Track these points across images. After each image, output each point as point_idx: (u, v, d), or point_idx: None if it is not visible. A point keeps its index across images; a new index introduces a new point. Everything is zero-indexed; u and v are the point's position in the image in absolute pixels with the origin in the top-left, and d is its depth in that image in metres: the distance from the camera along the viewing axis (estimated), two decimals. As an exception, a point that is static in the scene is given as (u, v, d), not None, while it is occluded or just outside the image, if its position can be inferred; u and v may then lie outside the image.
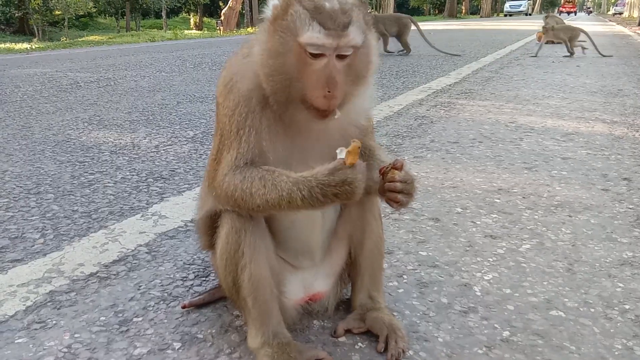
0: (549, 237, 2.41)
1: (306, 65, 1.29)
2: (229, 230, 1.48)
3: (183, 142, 4.08)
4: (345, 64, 1.31)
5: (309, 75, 1.29)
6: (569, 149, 3.88)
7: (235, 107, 1.39)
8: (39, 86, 7.19)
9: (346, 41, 1.28)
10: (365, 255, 1.68)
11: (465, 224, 2.53)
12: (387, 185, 1.41)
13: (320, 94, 1.29)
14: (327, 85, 1.27)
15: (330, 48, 1.27)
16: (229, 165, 1.41)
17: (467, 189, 3.01)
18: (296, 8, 1.29)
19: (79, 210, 2.66)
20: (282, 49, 1.30)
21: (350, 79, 1.34)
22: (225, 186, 1.40)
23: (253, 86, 1.38)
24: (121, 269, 2.06)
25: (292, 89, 1.33)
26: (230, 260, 1.49)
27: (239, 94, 1.39)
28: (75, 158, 3.62)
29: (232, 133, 1.40)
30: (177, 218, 2.54)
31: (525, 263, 2.16)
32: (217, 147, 1.47)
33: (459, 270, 2.09)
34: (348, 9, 1.30)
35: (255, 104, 1.39)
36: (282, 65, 1.31)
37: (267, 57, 1.33)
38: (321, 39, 1.26)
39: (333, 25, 1.26)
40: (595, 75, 7.94)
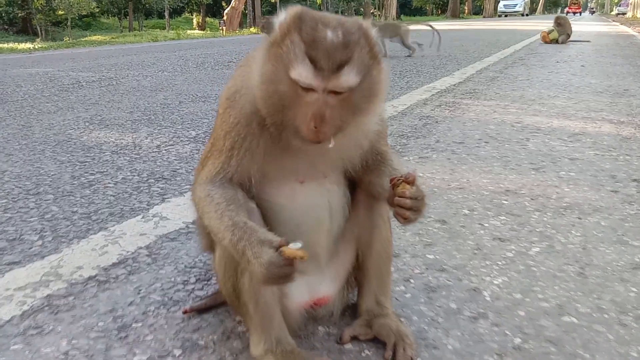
0: (559, 240, 2.35)
1: (297, 97, 1.22)
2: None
3: (185, 142, 4.04)
4: (340, 100, 1.22)
5: (298, 106, 1.23)
6: (576, 150, 3.82)
7: (234, 124, 1.36)
8: (40, 85, 7.15)
9: (336, 83, 1.19)
10: (373, 258, 1.62)
11: (473, 227, 2.47)
12: (397, 200, 1.36)
13: (309, 127, 1.22)
14: (314, 121, 1.21)
15: (319, 88, 1.20)
16: (207, 176, 1.39)
17: (474, 190, 2.95)
18: (293, 38, 1.19)
19: (79, 212, 2.62)
20: (275, 78, 1.23)
21: (347, 113, 1.26)
22: (196, 193, 1.41)
23: (255, 109, 1.33)
24: (121, 272, 2.01)
25: (285, 115, 1.27)
26: (229, 264, 1.44)
27: (241, 112, 1.35)
28: (76, 158, 3.58)
29: (224, 148, 1.38)
30: (178, 220, 2.49)
31: (536, 267, 2.11)
32: (207, 152, 1.45)
33: (467, 274, 2.03)
34: (351, 43, 1.20)
35: (255, 126, 1.35)
36: (275, 93, 1.24)
37: (261, 81, 1.27)
38: (309, 79, 1.18)
39: (326, 64, 1.18)
40: (601, 75, 7.87)
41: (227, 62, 10.11)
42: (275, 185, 1.45)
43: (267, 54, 1.25)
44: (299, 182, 1.46)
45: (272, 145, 1.37)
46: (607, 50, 12.35)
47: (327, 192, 1.50)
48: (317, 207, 1.49)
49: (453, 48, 12.33)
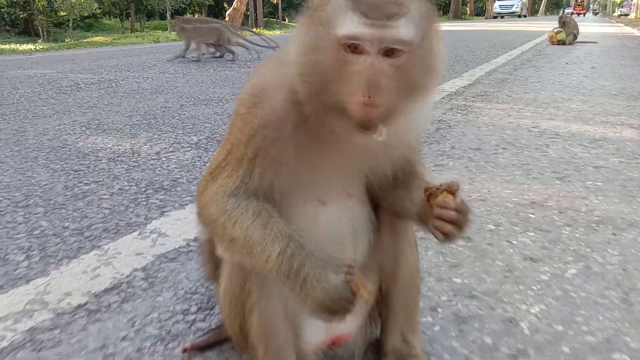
0: (596, 260, 2.14)
1: (344, 65, 1.02)
2: (232, 265, 1.23)
3: (186, 148, 3.82)
4: (394, 66, 1.02)
5: (346, 77, 1.02)
6: (599, 157, 3.61)
7: (261, 127, 1.13)
8: (37, 88, 6.95)
9: (393, 33, 1.00)
10: (398, 289, 1.42)
11: (501, 244, 2.26)
12: (439, 211, 1.15)
13: (358, 100, 1.01)
14: (367, 90, 1.00)
15: (371, 41, 0.99)
16: (224, 190, 1.17)
17: (497, 202, 2.74)
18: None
19: (70, 227, 2.41)
20: (317, 44, 1.04)
21: (402, 88, 1.04)
22: (211, 209, 1.17)
23: (289, 104, 1.12)
24: (114, 299, 1.80)
25: (328, 93, 1.05)
26: (235, 300, 1.24)
27: (270, 111, 1.13)
28: (70, 166, 3.37)
29: (245, 156, 1.15)
30: (178, 236, 2.28)
31: (574, 292, 1.90)
32: (219, 161, 1.21)
33: (500, 302, 1.82)
34: (404, 1, 1.02)
35: (288, 127, 1.13)
36: (317, 64, 1.04)
37: (301, 54, 1.07)
38: (359, 29, 0.99)
39: (377, 14, 0.99)
40: (613, 77, 7.65)
41: (230, 64, 9.91)
42: (293, 206, 1.24)
43: (306, 23, 1.08)
44: (320, 203, 1.25)
45: (304, 149, 1.16)
46: (615, 51, 12.13)
47: (351, 215, 1.30)
48: (340, 232, 1.29)
49: (459, 49, 12.12)
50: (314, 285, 1.05)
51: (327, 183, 1.24)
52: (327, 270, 1.07)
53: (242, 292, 1.22)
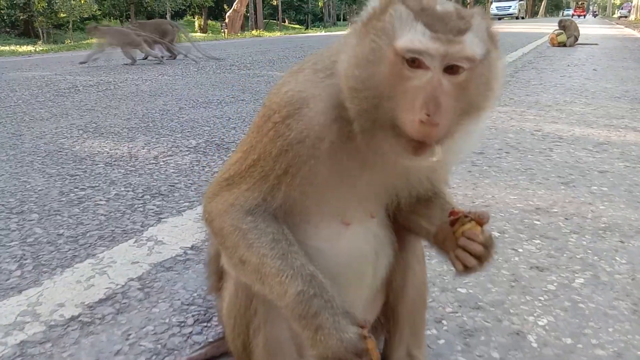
0: (604, 269, 2.08)
1: (402, 80, 0.94)
2: (238, 281, 1.16)
3: (184, 152, 3.77)
4: (454, 84, 0.95)
5: (404, 93, 0.94)
6: (604, 161, 3.55)
7: (297, 142, 1.04)
8: (35, 90, 6.90)
9: (459, 49, 0.93)
10: (405, 304, 1.36)
11: (506, 252, 2.20)
12: (465, 242, 1.09)
13: (416, 118, 0.93)
14: (427, 107, 0.92)
15: (435, 56, 0.92)
16: (241, 204, 1.09)
17: (502, 209, 2.68)
18: (398, 7, 0.96)
19: (65, 234, 2.35)
20: (373, 57, 0.96)
21: (459, 107, 0.97)
22: (224, 222, 1.10)
23: (330, 120, 1.03)
24: (108, 311, 1.74)
25: (382, 110, 0.97)
26: (240, 318, 1.18)
27: (309, 126, 1.03)
28: (66, 171, 3.31)
29: (273, 172, 1.07)
30: (175, 244, 2.23)
31: (583, 303, 1.84)
32: (240, 168, 1.11)
33: (507, 313, 1.76)
34: (467, 15, 0.97)
35: (325, 146, 1.04)
36: (371, 78, 0.96)
37: (353, 66, 0.98)
38: (424, 43, 0.92)
39: (442, 27, 0.93)
40: (615, 80, 7.60)
41: (229, 66, 9.86)
42: (314, 226, 1.16)
43: (362, 31, 0.99)
44: (344, 224, 1.17)
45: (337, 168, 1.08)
46: (616, 53, 12.09)
47: (374, 238, 1.23)
48: (362, 254, 1.21)
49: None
50: (330, 333, 1.00)
51: (354, 203, 1.17)
52: (345, 321, 1.01)
53: (248, 311, 1.16)
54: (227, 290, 1.21)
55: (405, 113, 0.95)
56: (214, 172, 3.25)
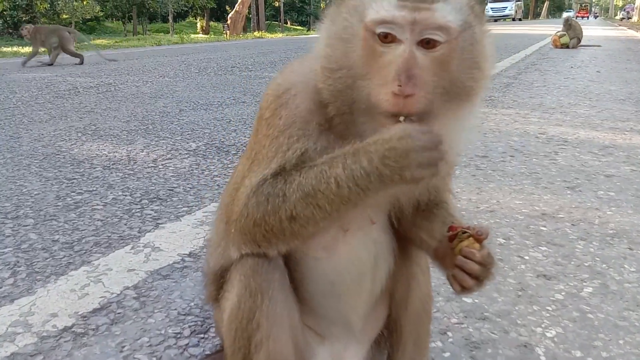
0: (613, 277, 2.02)
1: (374, 56, 0.93)
2: (242, 292, 1.10)
3: (184, 155, 3.72)
4: (433, 58, 0.92)
5: (377, 69, 0.92)
6: (610, 165, 3.49)
7: (286, 127, 1.03)
8: (35, 92, 6.85)
9: (428, 16, 0.90)
10: (409, 316, 1.30)
11: (512, 260, 2.15)
12: (462, 261, 1.02)
13: (388, 89, 0.91)
14: (399, 78, 0.89)
15: (404, 25, 0.90)
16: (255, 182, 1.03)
17: (507, 214, 2.62)
18: None
19: (60, 240, 2.30)
20: (346, 35, 0.96)
21: (442, 85, 0.94)
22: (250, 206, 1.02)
23: (315, 105, 1.02)
24: (102, 321, 1.69)
25: (356, 89, 0.95)
26: (242, 331, 1.12)
27: (295, 112, 1.03)
28: (64, 174, 3.26)
29: (269, 153, 1.04)
30: (172, 251, 2.17)
31: (592, 313, 1.78)
32: (243, 172, 1.10)
33: (514, 324, 1.71)
34: None
35: (313, 129, 1.02)
36: (345, 57, 0.95)
37: (327, 46, 0.98)
38: (390, 12, 0.90)
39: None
40: (619, 82, 7.54)
41: (231, 67, 9.81)
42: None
43: (335, 12, 0.99)
44: (342, 231, 1.12)
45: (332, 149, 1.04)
46: (619, 55, 12.02)
47: (374, 245, 1.17)
48: (361, 263, 1.17)
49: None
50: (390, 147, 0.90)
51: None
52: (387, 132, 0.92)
53: (250, 324, 1.10)
54: (229, 301, 1.15)
55: (379, 88, 0.92)
56: (214, 176, 3.20)
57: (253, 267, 1.10)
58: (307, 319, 1.22)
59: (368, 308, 1.24)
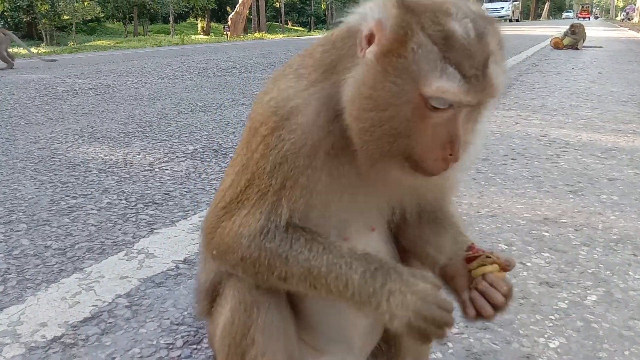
0: (617, 285, 1.98)
1: (423, 119, 0.88)
2: (236, 306, 1.06)
3: (181, 158, 3.67)
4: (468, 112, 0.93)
5: (424, 131, 0.89)
6: (613, 168, 3.45)
7: (291, 154, 0.96)
8: (33, 93, 6.81)
9: (490, 93, 0.88)
10: (405, 333, 1.25)
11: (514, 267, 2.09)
12: (485, 288, 0.99)
13: (438, 156, 0.90)
14: (451, 147, 0.89)
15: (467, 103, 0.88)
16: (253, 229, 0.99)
17: (508, 219, 2.58)
18: (420, 39, 0.85)
19: (53, 246, 2.25)
20: (394, 100, 0.87)
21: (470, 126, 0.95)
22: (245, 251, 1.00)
23: (325, 132, 0.96)
24: (92, 331, 1.64)
25: (397, 146, 0.91)
26: (235, 347, 1.07)
27: (302, 138, 0.95)
28: (59, 178, 3.21)
29: (271, 186, 0.98)
30: (167, 257, 2.13)
31: (596, 322, 1.74)
32: (234, 191, 1.02)
33: (516, 334, 1.66)
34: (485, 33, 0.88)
35: (321, 157, 0.97)
36: (390, 120, 0.89)
37: (369, 109, 0.89)
38: (458, 95, 0.85)
39: (472, 67, 0.84)
40: (621, 83, 7.49)
41: (230, 69, 9.76)
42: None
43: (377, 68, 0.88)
44: (341, 239, 1.08)
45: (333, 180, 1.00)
46: (621, 56, 11.97)
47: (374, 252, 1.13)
48: None
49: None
50: (402, 291, 0.92)
51: (354, 215, 1.09)
52: (414, 278, 0.94)
53: (244, 340, 1.06)
54: (222, 316, 1.11)
55: (426, 151, 0.90)
56: (211, 180, 3.16)
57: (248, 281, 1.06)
58: (303, 334, 1.18)
59: (368, 324, 1.19)
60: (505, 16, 45.20)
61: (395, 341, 1.27)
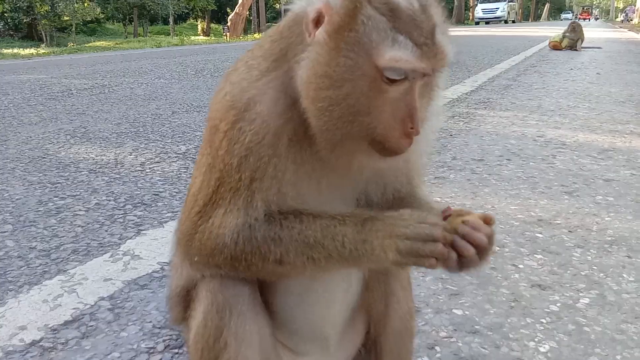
0: (610, 287, 1.94)
1: (380, 93, 0.88)
2: (208, 308, 1.03)
3: (173, 158, 3.64)
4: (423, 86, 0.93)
5: (382, 106, 0.88)
6: (609, 169, 3.41)
7: (254, 145, 0.94)
8: (28, 93, 6.78)
9: (442, 60, 0.89)
10: (389, 337, 1.22)
11: (506, 269, 2.06)
12: (466, 230, 0.93)
13: (399, 132, 0.89)
14: (411, 120, 0.88)
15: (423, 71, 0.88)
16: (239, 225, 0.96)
17: (502, 220, 2.54)
18: (369, 12, 0.86)
19: (37, 248, 2.22)
20: (349, 74, 0.87)
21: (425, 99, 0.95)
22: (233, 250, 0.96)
23: (284, 119, 0.94)
24: (72, 334, 1.61)
25: (355, 127, 0.90)
26: (208, 351, 1.04)
27: (263, 127, 0.94)
28: (48, 178, 3.18)
29: (241, 180, 0.95)
30: (152, 259, 2.09)
31: (588, 326, 1.70)
32: (206, 193, 0.99)
33: (506, 338, 1.63)
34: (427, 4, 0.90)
35: (285, 144, 0.95)
36: (347, 97, 0.88)
37: (325, 87, 0.88)
38: (412, 63, 0.85)
39: (421, 36, 0.86)
40: (619, 84, 7.46)
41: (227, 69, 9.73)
42: None
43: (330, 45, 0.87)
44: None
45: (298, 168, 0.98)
46: (620, 57, 11.93)
47: None
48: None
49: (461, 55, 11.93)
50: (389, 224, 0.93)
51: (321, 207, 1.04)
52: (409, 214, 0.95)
53: (217, 343, 1.02)
54: (195, 319, 1.08)
55: (386, 127, 0.89)
56: (202, 180, 3.12)
57: (221, 280, 1.03)
58: (279, 335, 1.14)
59: (343, 321, 1.16)
60: (500, 17, 43.89)
61: (375, 348, 1.24)
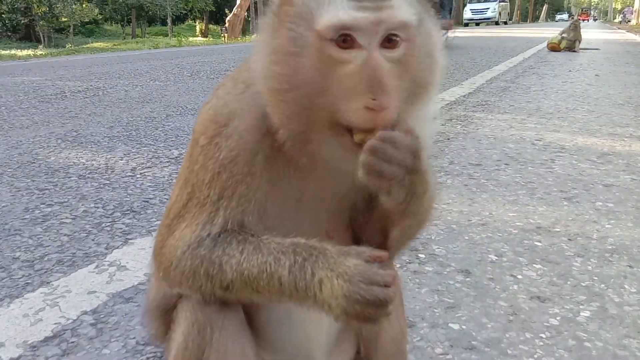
0: (612, 299, 1.88)
1: (334, 66, 0.81)
2: (189, 328, 0.98)
3: (165, 163, 3.57)
4: (396, 60, 0.82)
5: (340, 81, 0.81)
6: (609, 174, 3.35)
7: (228, 162, 0.91)
8: (21, 96, 6.70)
9: (390, 14, 0.79)
10: (379, 357, 1.15)
11: (504, 279, 2.00)
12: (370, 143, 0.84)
13: (361, 104, 0.80)
14: (371, 90, 0.79)
15: (366, 28, 0.79)
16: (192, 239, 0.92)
17: (500, 228, 2.48)
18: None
19: (21, 258, 2.15)
20: (293, 48, 0.82)
21: (406, 86, 0.84)
22: (183, 264, 0.93)
23: (261, 135, 0.90)
24: (52, 352, 1.54)
25: (316, 109, 0.83)
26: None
27: (239, 143, 0.91)
28: (36, 184, 3.11)
29: (209, 197, 0.92)
30: (138, 270, 2.02)
31: (589, 341, 1.64)
32: (177, 207, 0.96)
33: (504, 355, 1.56)
34: None
35: (260, 162, 0.91)
36: (296, 74, 0.82)
37: (272, 63, 0.84)
38: (350, 14, 0.78)
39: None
40: (618, 86, 7.41)
41: (224, 71, 9.67)
42: None
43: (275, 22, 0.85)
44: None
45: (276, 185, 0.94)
46: (618, 58, 11.90)
47: None
48: None
49: (459, 56, 11.88)
50: (330, 277, 0.84)
51: (307, 223, 1.00)
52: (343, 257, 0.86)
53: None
54: (175, 341, 1.02)
55: (347, 103, 0.81)
56: (194, 186, 3.05)
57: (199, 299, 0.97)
58: (263, 354, 1.08)
59: (331, 341, 1.10)
60: (491, 18, 41.87)
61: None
